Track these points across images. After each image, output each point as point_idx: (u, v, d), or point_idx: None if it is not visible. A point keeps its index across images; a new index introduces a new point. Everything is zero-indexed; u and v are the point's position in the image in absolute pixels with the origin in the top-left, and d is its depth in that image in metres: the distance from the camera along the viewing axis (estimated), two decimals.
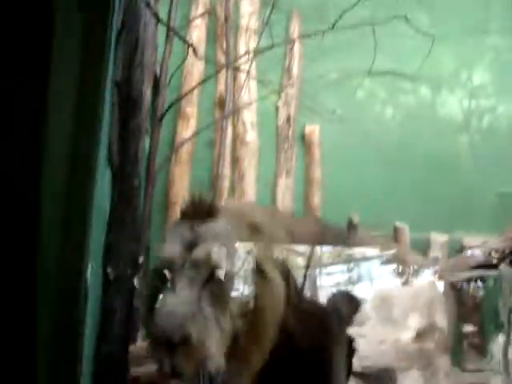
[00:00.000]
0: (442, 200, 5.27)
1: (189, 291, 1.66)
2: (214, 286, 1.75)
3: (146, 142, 4.60)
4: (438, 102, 5.75)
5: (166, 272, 1.77)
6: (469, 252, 3.75)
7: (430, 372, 3.05)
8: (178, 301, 1.65)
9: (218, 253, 1.77)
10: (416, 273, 2.94)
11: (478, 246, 4.09)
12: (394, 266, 2.94)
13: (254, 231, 2.02)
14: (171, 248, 1.86)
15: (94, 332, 1.78)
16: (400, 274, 2.95)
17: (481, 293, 3.51)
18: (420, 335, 2.82)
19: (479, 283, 3.41)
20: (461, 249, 4.87)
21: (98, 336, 1.81)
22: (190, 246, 1.80)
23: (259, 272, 1.90)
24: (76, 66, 1.30)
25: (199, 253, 1.77)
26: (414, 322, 3.09)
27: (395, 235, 4.99)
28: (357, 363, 2.89)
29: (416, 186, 5.36)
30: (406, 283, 2.95)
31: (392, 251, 3.12)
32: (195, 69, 5.35)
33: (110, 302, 1.86)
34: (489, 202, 5.63)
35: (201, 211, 1.93)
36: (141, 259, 4.65)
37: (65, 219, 1.32)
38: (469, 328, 2.91)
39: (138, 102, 1.81)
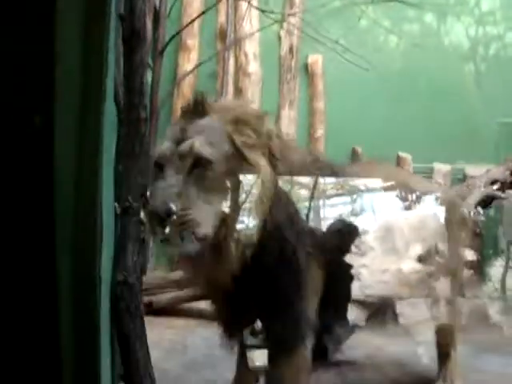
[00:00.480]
0: (445, 130, 5.27)
1: (175, 177, 1.98)
2: (198, 171, 2.03)
3: (148, 75, 4.60)
4: (444, 29, 5.66)
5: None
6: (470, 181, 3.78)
7: (431, 300, 3.14)
8: (165, 185, 1.98)
9: (200, 145, 2.04)
10: (419, 199, 2.98)
11: (480, 175, 4.13)
12: (397, 192, 2.98)
13: (238, 124, 2.17)
14: (165, 144, 2.09)
15: (110, 262, 1.86)
16: (403, 199, 2.99)
17: (482, 219, 3.57)
18: (421, 260, 2.89)
19: (480, 210, 3.46)
20: (463, 178, 4.92)
21: (113, 266, 1.90)
22: (179, 141, 2.06)
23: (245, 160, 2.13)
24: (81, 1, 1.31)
25: (183, 146, 2.05)
26: (416, 252, 3.14)
27: (398, 165, 5.04)
28: (360, 292, 2.99)
29: (419, 116, 5.35)
30: (408, 208, 3.00)
31: (395, 178, 3.15)
32: (195, 0, 5.24)
33: (121, 233, 1.93)
34: (491, 132, 5.63)
35: (196, 109, 2.16)
36: (148, 192, 4.74)
37: (76, 153, 1.36)
38: (469, 254, 2.98)
39: (142, 34, 1.80)
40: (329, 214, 3.13)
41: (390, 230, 3.18)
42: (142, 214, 2.06)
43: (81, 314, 1.52)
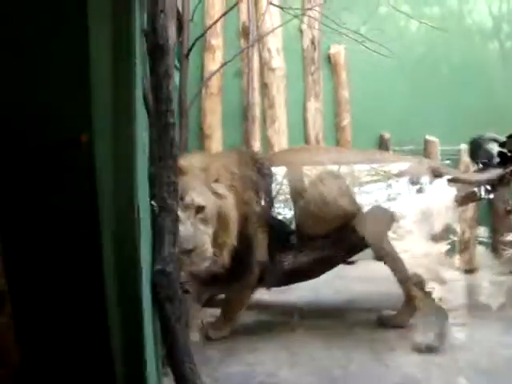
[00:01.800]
0: (471, 111, 5.28)
1: (187, 222, 2.96)
2: (201, 215, 3.04)
3: (176, 78, 4.77)
4: (466, 9, 5.65)
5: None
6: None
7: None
8: (183, 228, 2.81)
9: (195, 197, 3.03)
10: (430, 182, 3.05)
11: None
12: (409, 177, 3.05)
13: (206, 172, 3.20)
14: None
15: (149, 253, 2.03)
16: (414, 183, 3.07)
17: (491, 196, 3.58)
18: (437, 239, 2.98)
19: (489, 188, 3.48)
20: (491, 158, 4.93)
21: (152, 257, 2.07)
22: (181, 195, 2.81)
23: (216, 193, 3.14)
24: (108, 20, 1.46)
25: (186, 200, 3.01)
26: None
27: (426, 149, 5.09)
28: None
29: (444, 99, 5.38)
30: (420, 191, 3.08)
31: (408, 164, 3.23)
32: (216, 1, 5.39)
33: (159, 228, 2.11)
34: None
35: (181, 171, 2.84)
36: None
37: (114, 155, 1.53)
38: (483, 231, 3.03)
39: (165, 48, 1.94)
40: (365, 200, 3.24)
41: (426, 213, 3.26)
42: (178, 210, 2.25)
43: (127, 301, 1.68)
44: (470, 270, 4.83)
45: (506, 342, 3.22)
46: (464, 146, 4.85)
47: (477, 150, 3.65)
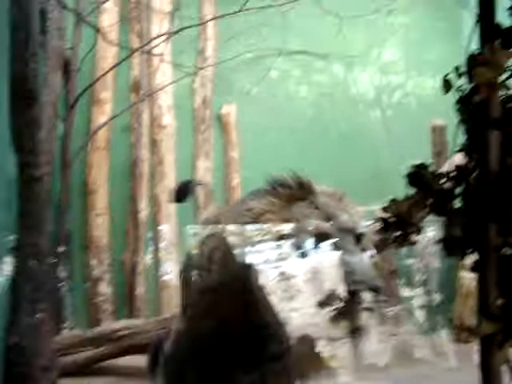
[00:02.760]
0: (357, 174, 5.44)
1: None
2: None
3: (60, 129, 4.56)
4: (351, 79, 5.92)
5: None
6: None
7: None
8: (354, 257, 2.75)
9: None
10: (317, 246, 3.05)
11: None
12: (293, 240, 3.05)
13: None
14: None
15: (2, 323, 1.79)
16: (297, 247, 3.06)
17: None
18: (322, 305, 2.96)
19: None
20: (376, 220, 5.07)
21: (6, 328, 1.82)
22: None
23: None
24: None
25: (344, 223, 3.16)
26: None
27: None
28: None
29: (331, 161, 5.51)
30: (304, 256, 3.07)
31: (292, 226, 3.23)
32: (108, 54, 5.27)
33: (15, 295, 1.86)
34: (401, 174, 5.83)
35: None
36: (62, 248, 4.61)
37: None
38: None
39: (33, 93, 1.79)
40: (256, 259, 3.17)
41: (317, 272, 3.24)
42: (60, 271, 2.01)
43: None
44: (355, 331, 4.85)
45: None
46: None
47: None
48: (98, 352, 4.13)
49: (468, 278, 4.53)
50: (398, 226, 1.39)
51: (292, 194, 3.55)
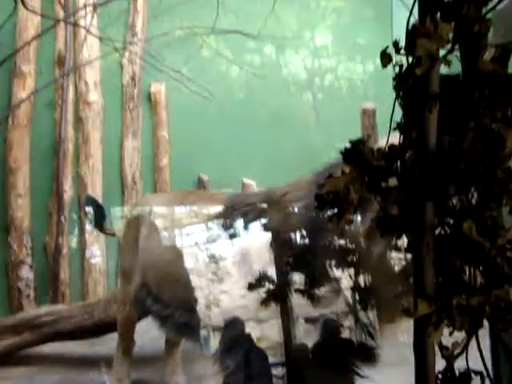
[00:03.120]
0: (287, 155, 5.43)
1: None
2: None
3: None
4: (283, 61, 5.88)
5: None
6: None
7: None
8: None
9: None
10: (246, 225, 3.00)
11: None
12: (223, 220, 3.00)
13: None
14: None
15: None
16: (227, 228, 3.00)
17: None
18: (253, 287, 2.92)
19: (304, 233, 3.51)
20: None
21: None
22: None
23: None
24: None
25: None
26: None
27: (243, 191, 5.10)
28: (220, 318, 3.06)
29: (262, 142, 5.47)
30: (233, 237, 3.02)
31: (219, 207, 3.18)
32: (30, 24, 4.98)
33: None
34: (330, 156, 5.87)
35: None
36: None
37: None
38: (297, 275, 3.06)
39: None
40: (185, 242, 3.09)
41: (246, 254, 3.19)
42: None
43: None
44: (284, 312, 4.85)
45: None
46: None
47: None
48: (19, 340, 3.96)
49: (396, 259, 4.59)
50: (334, 204, 1.34)
51: None
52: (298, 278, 2.69)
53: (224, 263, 3.25)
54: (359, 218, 2.72)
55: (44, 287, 5.01)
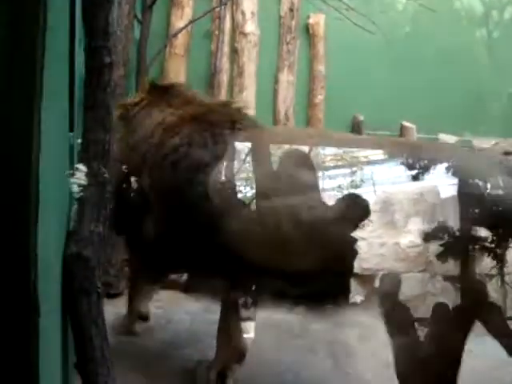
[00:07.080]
0: (453, 99, 5.01)
1: None
2: None
3: (136, 31, 4.31)
4: None
5: None
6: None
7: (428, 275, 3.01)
8: None
9: None
10: (425, 169, 2.75)
11: (489, 147, 3.86)
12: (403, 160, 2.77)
13: None
14: None
15: (61, 232, 1.60)
16: (409, 167, 2.77)
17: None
18: (424, 239, 2.71)
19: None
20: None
21: (66, 236, 1.63)
22: None
23: None
24: None
25: None
26: (415, 227, 3.01)
27: (402, 135, 4.77)
28: (357, 265, 2.88)
29: (426, 83, 5.04)
30: (414, 179, 2.79)
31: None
32: None
33: (81, 200, 1.65)
34: (502, 103, 5.35)
35: None
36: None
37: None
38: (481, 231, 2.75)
39: None
40: (327, 185, 2.97)
41: (388, 203, 3.04)
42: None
43: (13, 296, 1.27)
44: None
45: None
46: (442, 136, 4.53)
47: None
48: None
49: None
50: None
51: None
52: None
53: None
54: None
55: None
